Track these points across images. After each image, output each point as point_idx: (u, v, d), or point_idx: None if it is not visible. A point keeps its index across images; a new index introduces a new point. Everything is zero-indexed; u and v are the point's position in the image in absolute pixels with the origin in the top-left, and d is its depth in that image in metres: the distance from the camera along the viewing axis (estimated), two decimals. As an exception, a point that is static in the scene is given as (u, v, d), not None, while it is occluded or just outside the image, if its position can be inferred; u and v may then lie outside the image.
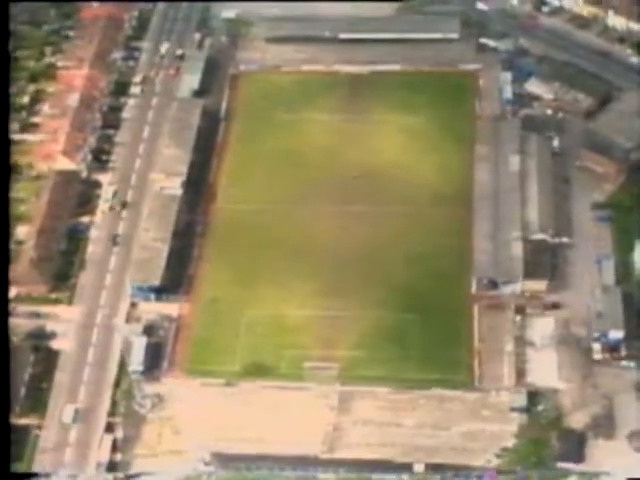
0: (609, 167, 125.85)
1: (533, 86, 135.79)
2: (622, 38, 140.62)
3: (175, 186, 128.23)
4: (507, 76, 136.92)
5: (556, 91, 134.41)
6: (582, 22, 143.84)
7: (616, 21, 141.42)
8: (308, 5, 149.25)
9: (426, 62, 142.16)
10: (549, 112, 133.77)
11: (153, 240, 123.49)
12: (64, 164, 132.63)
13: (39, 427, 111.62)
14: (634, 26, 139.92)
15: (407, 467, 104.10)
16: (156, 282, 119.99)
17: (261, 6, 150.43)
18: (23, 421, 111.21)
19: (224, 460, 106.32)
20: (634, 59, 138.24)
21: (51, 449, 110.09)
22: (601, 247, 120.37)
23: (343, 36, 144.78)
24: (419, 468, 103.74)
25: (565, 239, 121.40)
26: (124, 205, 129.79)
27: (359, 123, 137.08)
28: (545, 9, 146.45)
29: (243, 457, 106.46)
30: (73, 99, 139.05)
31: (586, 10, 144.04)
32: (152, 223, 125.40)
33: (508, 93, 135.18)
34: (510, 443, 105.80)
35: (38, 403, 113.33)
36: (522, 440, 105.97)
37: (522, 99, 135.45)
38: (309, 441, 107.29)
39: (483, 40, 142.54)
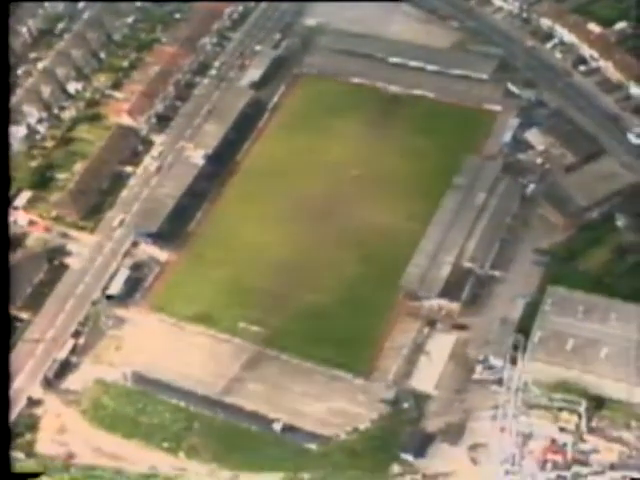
0: (560, 220, 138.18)
1: (532, 135, 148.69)
2: (638, 108, 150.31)
3: (199, 156, 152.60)
4: (514, 122, 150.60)
5: (550, 143, 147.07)
6: (608, 87, 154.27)
7: (637, 91, 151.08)
8: (383, 27, 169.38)
9: (456, 95, 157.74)
10: (538, 161, 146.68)
11: (164, 196, 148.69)
12: (127, 121, 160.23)
13: (29, 322, 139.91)
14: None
15: (271, 423, 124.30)
16: (154, 229, 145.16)
17: (343, 20, 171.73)
18: (19, 314, 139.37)
19: (139, 380, 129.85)
20: (638, 130, 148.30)
21: (30, 341, 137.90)
22: (527, 287, 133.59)
23: (392, 59, 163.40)
24: (277, 426, 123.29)
25: (497, 273, 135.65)
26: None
27: (379, 137, 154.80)
28: (582, 68, 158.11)
29: (156, 382, 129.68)
30: (154, 70, 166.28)
31: (615, 76, 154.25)
32: (169, 182, 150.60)
33: (507, 137, 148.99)
34: (364, 426, 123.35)
35: (36, 303, 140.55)
36: (375, 426, 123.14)
37: (520, 145, 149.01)
38: (212, 384, 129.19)
39: (510, 86, 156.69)
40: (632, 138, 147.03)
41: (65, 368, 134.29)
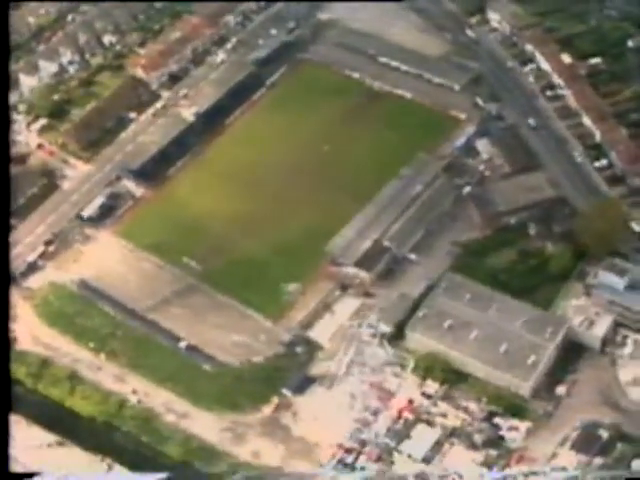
0: (479, 220, 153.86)
1: (482, 144, 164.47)
2: (583, 135, 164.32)
3: (190, 113, 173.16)
4: (470, 130, 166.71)
5: (495, 154, 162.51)
6: (565, 113, 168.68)
7: (587, 121, 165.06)
8: (385, 29, 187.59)
9: (429, 99, 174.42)
10: (480, 168, 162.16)
11: (151, 142, 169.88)
12: (140, 74, 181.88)
13: (14, 227, 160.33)
14: (595, 130, 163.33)
15: (177, 340, 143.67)
16: (134, 168, 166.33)
17: (352, 19, 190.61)
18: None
19: (83, 287, 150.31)
20: (577, 154, 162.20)
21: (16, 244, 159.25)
22: (436, 272, 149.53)
23: (383, 58, 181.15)
24: (182, 344, 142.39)
25: (413, 256, 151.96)
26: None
27: (354, 124, 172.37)
28: (548, 93, 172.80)
29: (96, 290, 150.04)
30: (175, 36, 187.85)
31: (574, 105, 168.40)
32: (158, 130, 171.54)
33: (460, 143, 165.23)
34: (257, 359, 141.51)
35: (24, 212, 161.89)
36: (267, 362, 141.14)
37: (470, 151, 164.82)
38: (141, 301, 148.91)
39: (477, 98, 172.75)
40: None
41: (31, 269, 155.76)
